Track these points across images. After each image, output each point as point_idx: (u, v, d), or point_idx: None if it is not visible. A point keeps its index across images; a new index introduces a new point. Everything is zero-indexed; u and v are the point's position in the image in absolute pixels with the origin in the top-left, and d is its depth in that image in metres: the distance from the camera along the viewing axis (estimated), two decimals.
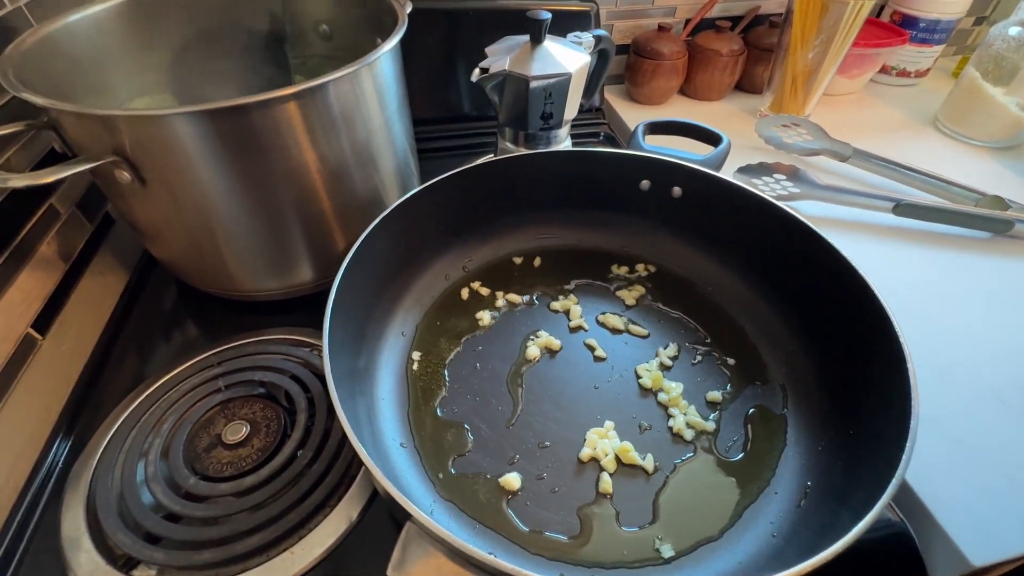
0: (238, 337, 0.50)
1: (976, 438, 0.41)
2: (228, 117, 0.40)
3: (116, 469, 0.39)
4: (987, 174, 0.71)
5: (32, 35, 0.45)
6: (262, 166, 0.44)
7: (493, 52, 0.55)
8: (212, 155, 0.41)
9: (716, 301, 0.50)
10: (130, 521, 0.36)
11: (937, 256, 0.59)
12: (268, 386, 0.45)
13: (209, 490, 0.37)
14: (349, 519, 0.37)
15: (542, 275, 0.54)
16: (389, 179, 0.54)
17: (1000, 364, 0.47)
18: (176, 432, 0.41)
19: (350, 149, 0.47)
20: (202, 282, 0.54)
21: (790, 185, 0.64)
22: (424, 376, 0.45)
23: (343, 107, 0.45)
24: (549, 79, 0.52)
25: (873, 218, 0.63)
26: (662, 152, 0.51)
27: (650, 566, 0.34)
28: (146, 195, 0.44)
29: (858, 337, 0.38)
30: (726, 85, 0.85)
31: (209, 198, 0.45)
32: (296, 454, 0.39)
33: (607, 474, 0.38)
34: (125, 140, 0.40)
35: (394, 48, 0.47)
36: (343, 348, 0.38)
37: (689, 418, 0.41)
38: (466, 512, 0.36)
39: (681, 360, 0.46)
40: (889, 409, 0.33)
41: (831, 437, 0.38)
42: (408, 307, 0.49)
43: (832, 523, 0.31)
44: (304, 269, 0.52)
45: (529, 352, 0.47)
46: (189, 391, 0.44)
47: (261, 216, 0.47)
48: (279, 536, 0.35)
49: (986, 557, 0.35)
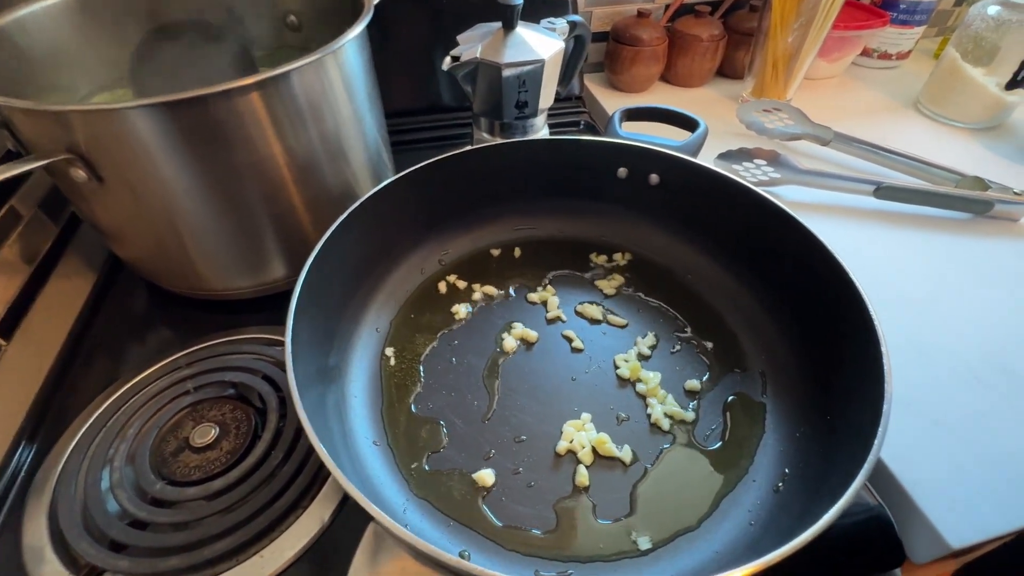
0: (209, 338, 0.49)
1: (955, 419, 0.41)
2: (187, 110, 0.39)
3: (80, 475, 0.38)
4: (968, 155, 0.71)
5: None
6: (226, 160, 0.43)
7: (465, 40, 0.54)
8: (172, 150, 0.40)
9: (695, 289, 0.50)
10: (94, 529, 0.35)
11: (918, 238, 0.58)
12: (239, 387, 0.43)
13: (176, 495, 0.36)
14: (321, 520, 0.36)
15: (520, 266, 0.53)
16: (361, 171, 0.53)
17: (979, 344, 0.47)
18: (143, 436, 0.40)
19: (318, 141, 0.46)
20: (171, 283, 0.53)
21: (770, 170, 0.63)
22: (398, 372, 0.44)
23: (309, 97, 0.43)
24: (522, 66, 0.51)
25: (854, 202, 0.62)
26: (639, 139, 0.50)
27: (627, 559, 0.33)
28: (105, 194, 0.43)
29: (834, 321, 0.38)
30: (707, 71, 0.84)
31: (172, 195, 0.43)
32: (267, 455, 0.39)
33: (584, 467, 0.37)
34: (79, 137, 0.38)
35: (360, 36, 0.46)
36: (311, 347, 0.37)
37: (667, 408, 0.41)
38: (440, 509, 0.35)
39: (660, 349, 0.46)
40: (864, 392, 0.32)
41: (809, 423, 0.38)
42: (382, 302, 0.48)
43: (809, 509, 0.30)
44: (276, 266, 0.51)
45: (506, 345, 0.46)
46: (157, 394, 0.43)
47: (228, 212, 0.46)
48: (248, 540, 0.34)
49: (965, 538, 0.35)
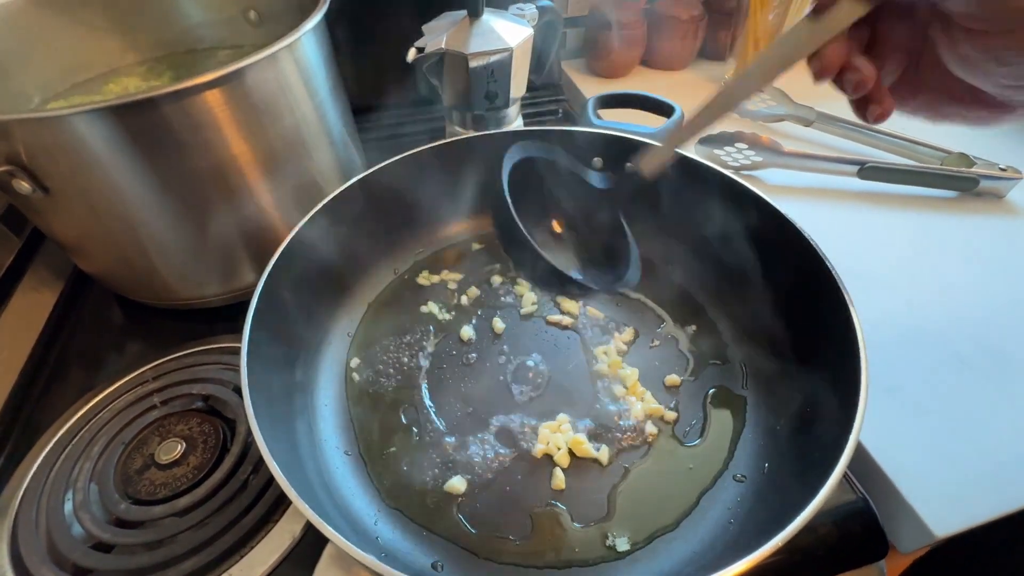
0: (179, 348, 0.47)
1: (939, 405, 0.40)
2: (134, 113, 0.37)
3: (42, 498, 0.37)
4: (953, 132, 0.69)
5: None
6: (182, 164, 0.41)
7: (430, 30, 0.52)
8: (121, 157, 0.38)
9: (675, 280, 0.49)
10: (56, 554, 0.34)
11: (904, 218, 0.57)
12: (210, 399, 0.42)
13: (142, 514, 0.35)
14: (292, 535, 0.35)
15: (495, 262, 0.52)
16: (329, 170, 0.51)
17: (965, 325, 0.46)
18: (107, 455, 0.38)
19: (279, 139, 0.45)
20: (137, 294, 0.51)
21: (752, 154, 0.62)
22: (368, 379, 0.43)
23: (265, 94, 0.42)
24: (489, 56, 0.49)
25: (838, 183, 0.61)
26: (612, 127, 0.49)
27: (604, 562, 0.32)
28: (55, 205, 0.41)
29: (812, 307, 0.37)
30: (688, 53, 0.82)
31: (127, 204, 0.42)
32: (236, 469, 0.37)
33: (560, 470, 0.36)
34: (19, 146, 0.37)
35: (316, 29, 0.44)
36: (273, 357, 0.36)
37: (647, 405, 0.40)
38: (412, 519, 0.34)
39: (639, 344, 0.44)
40: (841, 378, 0.31)
41: (789, 415, 0.37)
42: (352, 306, 0.47)
43: (789, 504, 0.29)
44: (246, 271, 0.50)
45: (482, 344, 0.45)
46: (122, 410, 0.42)
47: (189, 219, 0.44)
48: (216, 558, 0.33)
49: (949, 527, 0.35)
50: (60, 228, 0.45)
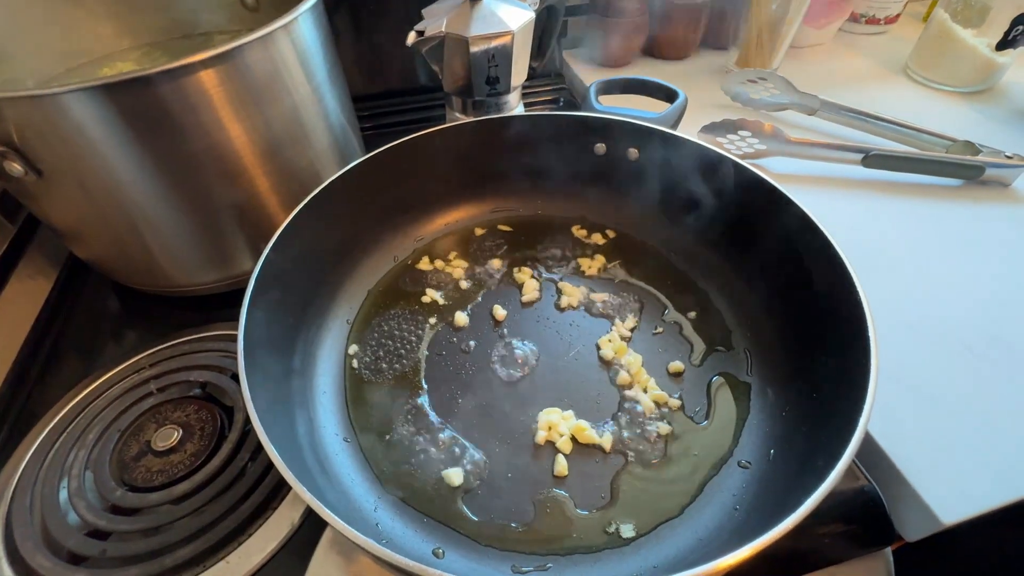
0: (175, 335, 0.47)
1: (946, 392, 0.40)
2: (128, 92, 0.36)
3: (36, 486, 0.36)
4: (958, 119, 0.69)
5: None
6: (178, 146, 0.40)
7: (430, 13, 0.51)
8: (116, 138, 0.38)
9: (679, 267, 0.48)
10: (51, 541, 0.33)
11: (908, 207, 0.57)
12: (208, 386, 0.42)
13: (138, 502, 0.35)
14: (291, 522, 0.35)
15: (498, 248, 0.51)
16: (327, 154, 0.50)
17: (971, 314, 0.45)
18: (103, 442, 0.38)
19: (277, 122, 0.44)
20: (134, 280, 0.50)
21: (756, 142, 0.61)
22: (369, 365, 0.42)
23: (261, 75, 0.41)
24: (490, 39, 0.49)
25: (843, 172, 0.60)
26: (614, 112, 0.48)
27: (608, 549, 0.32)
28: (49, 189, 0.40)
29: (819, 294, 0.36)
30: (691, 41, 0.81)
31: (122, 187, 0.41)
32: (233, 456, 0.37)
33: (563, 456, 0.36)
34: (10, 126, 0.36)
35: (314, 9, 0.43)
36: (270, 344, 0.35)
37: (651, 393, 0.39)
38: (413, 506, 0.34)
39: (642, 330, 0.44)
40: (849, 366, 0.31)
41: (795, 402, 0.36)
42: (351, 292, 0.46)
43: (796, 491, 0.29)
44: (244, 257, 0.49)
45: (482, 331, 0.44)
46: (118, 397, 0.41)
47: (186, 203, 0.44)
48: (213, 545, 0.33)
49: (956, 514, 0.34)
50: (54, 213, 0.44)
